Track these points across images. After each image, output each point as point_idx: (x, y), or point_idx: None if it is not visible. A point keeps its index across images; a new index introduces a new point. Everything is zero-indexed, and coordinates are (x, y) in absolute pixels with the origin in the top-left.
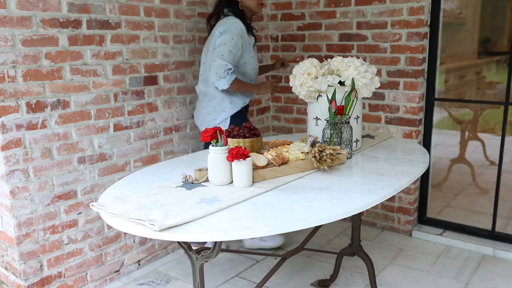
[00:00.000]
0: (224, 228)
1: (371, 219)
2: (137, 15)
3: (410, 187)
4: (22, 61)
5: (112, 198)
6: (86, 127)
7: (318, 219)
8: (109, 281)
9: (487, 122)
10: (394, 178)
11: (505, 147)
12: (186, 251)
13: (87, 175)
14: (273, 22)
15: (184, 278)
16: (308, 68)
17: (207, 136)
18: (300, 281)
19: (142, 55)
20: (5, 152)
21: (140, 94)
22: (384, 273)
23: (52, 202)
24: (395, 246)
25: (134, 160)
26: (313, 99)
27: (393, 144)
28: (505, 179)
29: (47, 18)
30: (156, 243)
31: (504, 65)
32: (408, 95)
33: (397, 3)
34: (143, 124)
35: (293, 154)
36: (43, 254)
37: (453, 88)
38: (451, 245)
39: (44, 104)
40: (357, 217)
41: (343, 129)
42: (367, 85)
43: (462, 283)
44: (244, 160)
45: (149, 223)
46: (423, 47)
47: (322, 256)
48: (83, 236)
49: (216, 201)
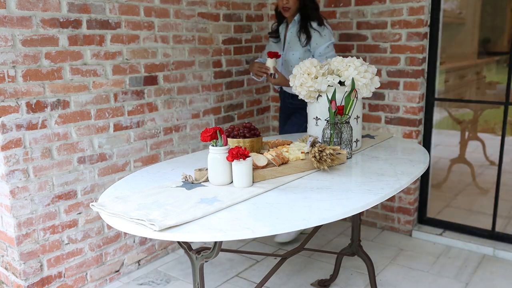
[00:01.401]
0: (224, 228)
1: (371, 219)
2: (137, 15)
3: (410, 187)
4: (22, 61)
5: (112, 198)
6: (86, 127)
7: (318, 219)
8: (109, 281)
9: (487, 122)
10: (394, 178)
11: (505, 147)
12: (186, 251)
13: (87, 175)
14: (273, 22)
15: (184, 278)
16: (308, 68)
17: (207, 136)
18: (300, 281)
19: (142, 55)
20: (5, 152)
21: (140, 94)
22: (384, 273)
23: (52, 202)
24: (395, 246)
25: (134, 160)
26: (313, 99)
27: (393, 144)
28: (505, 179)
29: (47, 18)
30: (156, 243)
31: (504, 65)
32: (408, 95)
33: (397, 3)
34: (143, 124)
35: (293, 154)
36: (43, 254)
37: (453, 88)
38: (451, 245)
39: (44, 104)
40: (357, 217)
41: (343, 129)
42: (367, 85)
43: (462, 283)
44: (244, 160)
45: (149, 223)
46: (423, 47)
47: (322, 256)
48: (83, 236)
49: (216, 201)
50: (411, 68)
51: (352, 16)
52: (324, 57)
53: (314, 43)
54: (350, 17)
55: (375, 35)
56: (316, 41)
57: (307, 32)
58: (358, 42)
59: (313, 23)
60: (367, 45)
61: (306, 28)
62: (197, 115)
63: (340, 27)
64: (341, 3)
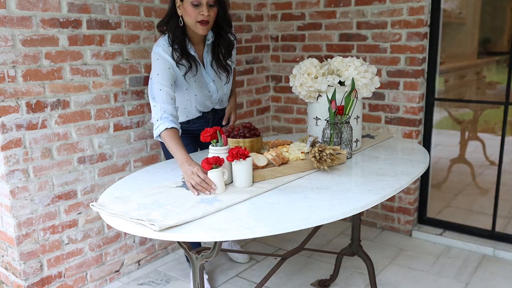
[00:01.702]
0: (224, 228)
1: (371, 219)
2: (137, 15)
3: (410, 187)
4: (22, 61)
5: (112, 198)
6: (86, 127)
7: (318, 219)
8: (109, 281)
9: (487, 122)
10: (394, 178)
11: (505, 147)
12: (186, 251)
13: (87, 175)
14: (273, 22)
15: (184, 278)
16: (308, 68)
17: (207, 136)
18: (300, 281)
19: (142, 55)
20: (5, 152)
21: (140, 94)
22: (384, 273)
23: (52, 202)
24: (395, 246)
25: (134, 160)
26: (313, 99)
27: (393, 144)
28: (505, 179)
29: (47, 18)
30: (156, 243)
31: (504, 65)
32: (408, 95)
33: (397, 3)
34: (143, 124)
35: (293, 154)
36: (43, 254)
37: (453, 88)
38: (451, 245)
39: (44, 104)
40: (357, 217)
41: (343, 129)
42: (367, 85)
43: (462, 283)
44: (244, 160)
45: (149, 223)
46: (423, 47)
47: (322, 256)
48: (83, 236)
49: (216, 201)
50: (411, 68)
51: (352, 16)
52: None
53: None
54: (350, 17)
55: (375, 35)
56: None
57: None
58: (358, 42)
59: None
60: (367, 45)
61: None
62: None
63: (340, 27)
64: (341, 3)
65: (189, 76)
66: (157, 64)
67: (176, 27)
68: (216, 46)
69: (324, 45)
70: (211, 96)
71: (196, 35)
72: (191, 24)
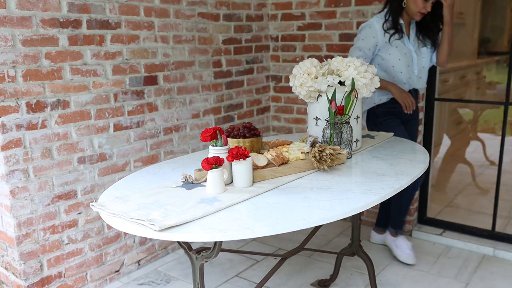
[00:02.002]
0: (224, 228)
1: (371, 219)
2: (137, 15)
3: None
4: (22, 61)
5: (112, 198)
6: (86, 127)
7: (318, 219)
8: (109, 281)
9: (487, 122)
10: (394, 178)
11: (505, 147)
12: (186, 251)
13: (87, 175)
14: (273, 22)
15: (184, 278)
16: (308, 68)
17: (207, 136)
18: (300, 281)
19: (142, 55)
20: (5, 152)
21: (140, 94)
22: (384, 273)
23: (52, 202)
24: None
25: (134, 160)
26: (313, 99)
27: (393, 144)
28: (505, 179)
29: (47, 18)
30: (156, 243)
31: (504, 65)
32: None
33: None
34: (143, 124)
35: (293, 154)
36: (43, 254)
37: (453, 88)
38: (451, 245)
39: (44, 104)
40: (357, 217)
41: (343, 129)
42: (367, 85)
43: (462, 283)
44: (244, 160)
45: (149, 223)
46: None
47: (322, 256)
48: (83, 236)
49: (216, 201)
50: None
51: (352, 16)
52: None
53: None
54: (350, 17)
55: None
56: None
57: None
58: None
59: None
60: None
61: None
62: (197, 115)
63: (340, 27)
64: (341, 3)
65: (393, 40)
66: (365, 32)
67: (398, 5)
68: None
69: (324, 45)
70: (412, 64)
71: (407, 17)
72: (413, 11)
